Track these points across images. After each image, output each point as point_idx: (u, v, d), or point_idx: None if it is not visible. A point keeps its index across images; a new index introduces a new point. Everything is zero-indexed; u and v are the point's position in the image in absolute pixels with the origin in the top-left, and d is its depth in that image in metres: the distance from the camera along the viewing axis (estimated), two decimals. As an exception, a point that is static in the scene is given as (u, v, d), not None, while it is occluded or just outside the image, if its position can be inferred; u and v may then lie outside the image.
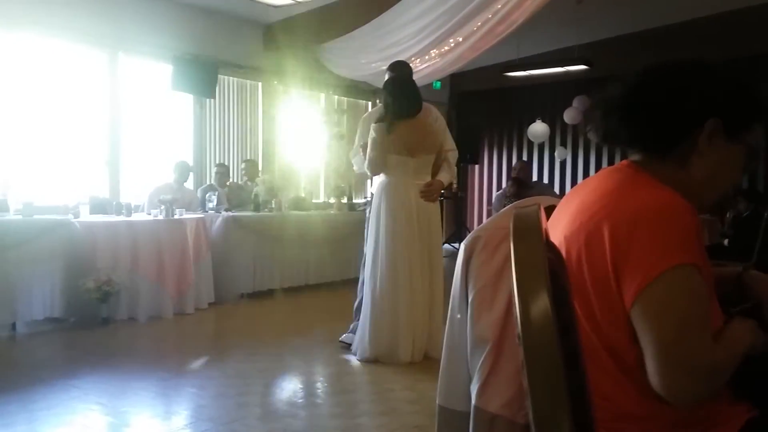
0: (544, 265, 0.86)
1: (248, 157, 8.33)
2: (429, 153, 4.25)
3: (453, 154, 4.42)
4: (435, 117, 4.42)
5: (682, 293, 1.07)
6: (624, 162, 1.28)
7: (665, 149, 1.22)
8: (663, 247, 1.08)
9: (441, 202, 10.12)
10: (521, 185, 7.98)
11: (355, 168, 4.97)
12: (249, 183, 7.47)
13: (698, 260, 1.09)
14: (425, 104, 4.37)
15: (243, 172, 7.74)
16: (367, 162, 4.26)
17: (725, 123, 1.20)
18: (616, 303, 1.11)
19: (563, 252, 1.19)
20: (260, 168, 8.33)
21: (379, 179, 4.31)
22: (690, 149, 1.21)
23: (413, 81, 4.44)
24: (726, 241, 7.50)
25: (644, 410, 1.13)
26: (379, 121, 4.21)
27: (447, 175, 4.32)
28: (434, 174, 4.30)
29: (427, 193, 4.19)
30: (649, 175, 1.21)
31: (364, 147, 4.39)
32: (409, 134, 4.15)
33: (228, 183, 7.47)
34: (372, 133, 4.18)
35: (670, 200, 1.13)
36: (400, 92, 4.22)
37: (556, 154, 10.75)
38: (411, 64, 7.48)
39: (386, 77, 4.46)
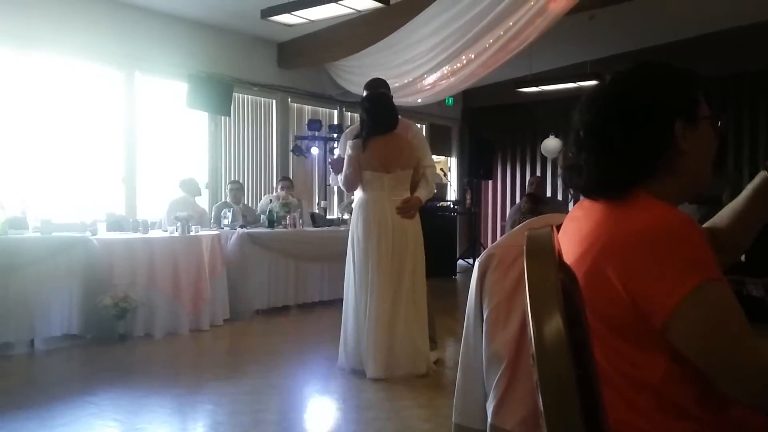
0: (557, 287, 0.87)
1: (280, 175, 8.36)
2: (404, 169, 4.25)
3: (431, 171, 4.43)
4: (414, 133, 4.43)
5: (713, 309, 1.08)
6: None
7: (652, 172, 1.22)
8: (682, 268, 1.08)
9: (455, 217, 10.16)
10: (536, 201, 7.99)
11: (330, 182, 4.97)
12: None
13: (715, 272, 1.09)
14: (405, 121, 4.40)
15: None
16: (342, 179, 4.28)
17: (685, 116, 1.22)
18: (634, 323, 1.12)
19: None
20: (275, 185, 8.37)
21: (358, 195, 4.33)
22: (671, 154, 1.21)
23: (389, 96, 4.44)
24: (743, 257, 7.42)
25: (661, 428, 1.13)
26: (356, 137, 4.24)
27: (425, 192, 4.33)
28: (413, 191, 4.31)
29: (404, 209, 4.20)
30: (642, 190, 1.21)
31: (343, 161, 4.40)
32: (384, 150, 4.17)
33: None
34: (348, 150, 4.21)
35: (673, 218, 1.13)
36: (375, 108, 4.25)
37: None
38: (423, 81, 7.51)
39: (364, 95, 4.49)
